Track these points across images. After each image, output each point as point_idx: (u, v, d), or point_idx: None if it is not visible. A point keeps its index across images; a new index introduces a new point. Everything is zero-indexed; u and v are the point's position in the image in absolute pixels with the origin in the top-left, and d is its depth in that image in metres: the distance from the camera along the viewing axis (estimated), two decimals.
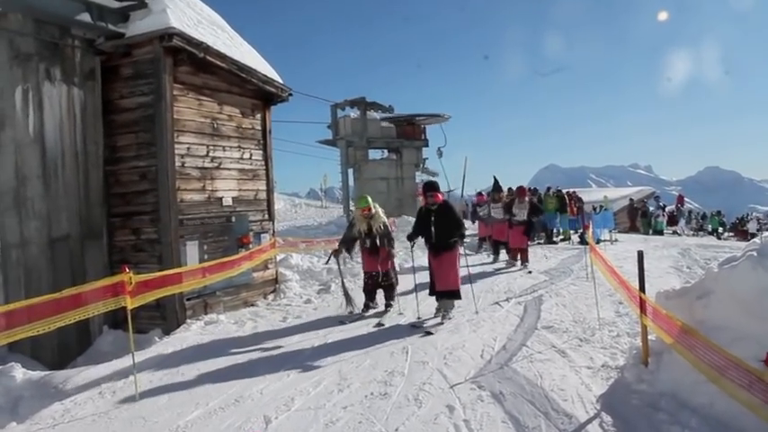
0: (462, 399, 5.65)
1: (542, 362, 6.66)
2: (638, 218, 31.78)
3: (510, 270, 14.18)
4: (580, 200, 24.73)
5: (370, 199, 9.83)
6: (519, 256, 14.79)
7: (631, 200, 35.92)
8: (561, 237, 23.01)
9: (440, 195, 9.21)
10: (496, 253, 16.19)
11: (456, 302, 9.22)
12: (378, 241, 9.69)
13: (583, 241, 21.08)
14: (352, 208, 26.98)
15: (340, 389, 6.07)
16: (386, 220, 9.87)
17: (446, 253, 8.98)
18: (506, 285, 11.67)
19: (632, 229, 30.91)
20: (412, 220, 23.27)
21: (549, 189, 25.04)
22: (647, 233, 29.24)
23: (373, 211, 9.71)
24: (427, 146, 29.50)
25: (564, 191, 24.88)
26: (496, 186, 16.85)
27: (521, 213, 14.72)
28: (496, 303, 9.99)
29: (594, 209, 25.39)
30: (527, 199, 15.14)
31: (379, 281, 9.90)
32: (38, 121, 9.11)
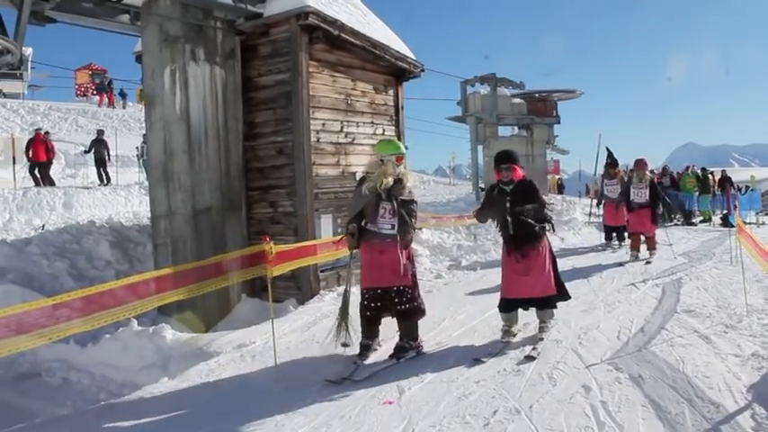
0: (599, 379, 5.47)
1: (684, 347, 6.30)
2: None
3: (628, 262, 11.91)
4: (729, 179, 23.38)
5: (399, 144, 6.66)
6: (647, 244, 12.38)
7: None
8: (701, 218, 21.91)
9: (519, 169, 6.69)
10: (609, 239, 14.26)
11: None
12: (394, 218, 6.32)
13: (726, 223, 19.99)
14: (481, 185, 26.73)
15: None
16: (413, 184, 6.54)
17: (532, 246, 6.63)
18: (642, 267, 11.17)
19: None
20: (545, 198, 22.96)
21: (687, 168, 23.86)
22: None
23: (404, 166, 6.47)
24: (559, 122, 28.60)
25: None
26: (611, 159, 14.50)
27: (641, 194, 12.17)
28: (632, 285, 9.59)
29: (740, 189, 23.91)
30: (647, 175, 12.47)
31: (393, 301, 6.35)
32: (184, 99, 9.62)
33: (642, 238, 12.51)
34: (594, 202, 17.38)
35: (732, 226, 13.18)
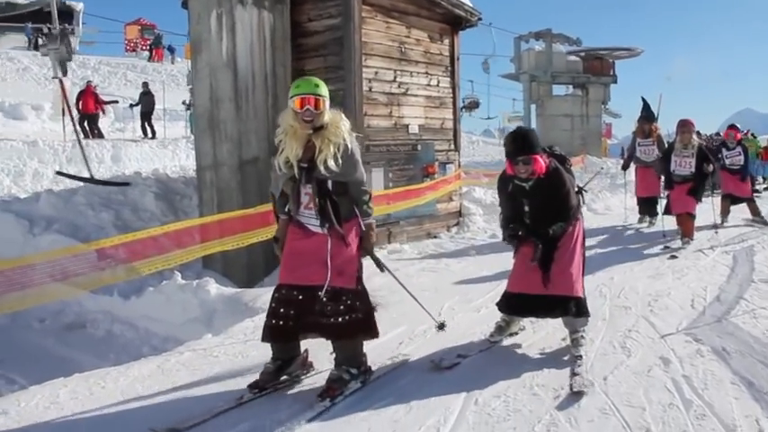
0: (678, 351, 4.94)
1: None
2: None
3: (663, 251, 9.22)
4: None
5: (321, 85, 4.19)
6: (681, 228, 9.50)
7: None
8: (764, 185, 21.00)
9: (541, 160, 4.81)
10: (645, 213, 11.55)
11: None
12: (323, 199, 4.20)
13: None
14: None
15: (534, 329, 5.56)
16: (352, 142, 4.27)
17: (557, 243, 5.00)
18: (707, 234, 10.18)
19: None
20: (597, 161, 22.30)
21: (747, 132, 22.83)
22: None
23: (323, 112, 4.14)
24: (616, 82, 27.72)
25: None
26: (647, 112, 11.64)
27: (685, 164, 9.27)
28: (699, 251, 8.97)
29: None
30: (695, 139, 9.48)
31: (321, 310, 4.24)
32: (230, 44, 9.24)
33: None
34: (621, 165, 13.50)
35: None
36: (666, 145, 10.43)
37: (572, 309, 4.94)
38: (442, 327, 5.33)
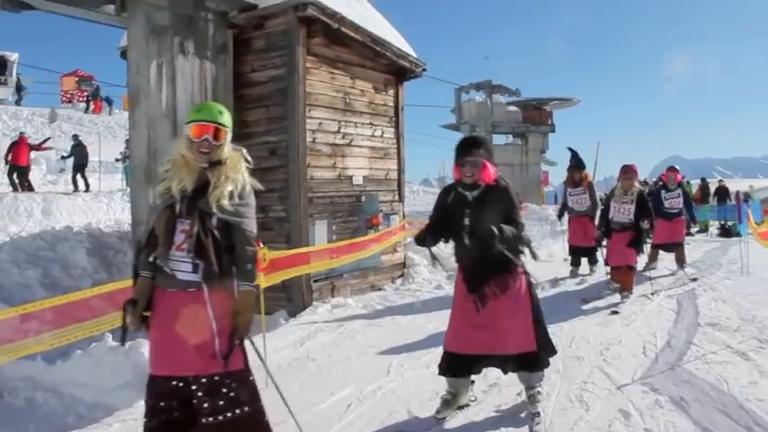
0: (636, 403, 4.86)
1: (721, 364, 5.75)
2: None
3: (601, 300, 8.99)
4: (727, 190, 23.13)
5: (225, 113, 3.69)
6: (620, 281, 8.95)
7: None
8: (697, 228, 21.57)
9: (490, 167, 4.41)
10: (575, 264, 11.26)
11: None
12: (204, 233, 3.45)
13: (726, 233, 19.60)
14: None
15: (489, 384, 5.38)
16: (251, 186, 3.69)
17: (501, 285, 4.45)
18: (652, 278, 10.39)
19: None
20: (537, 209, 22.60)
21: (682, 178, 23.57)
22: None
23: (223, 144, 3.60)
24: (554, 131, 28.35)
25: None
26: (576, 161, 11.27)
27: (624, 211, 8.80)
28: (644, 296, 9.07)
29: (746, 199, 23.66)
30: (636, 186, 8.95)
31: (198, 405, 3.44)
32: (170, 95, 9.00)
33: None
34: (557, 214, 12.92)
35: (739, 235, 12.78)
36: (601, 192, 10.57)
37: (527, 363, 4.54)
38: None
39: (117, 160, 22.40)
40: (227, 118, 3.64)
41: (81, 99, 40.09)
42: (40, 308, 5.07)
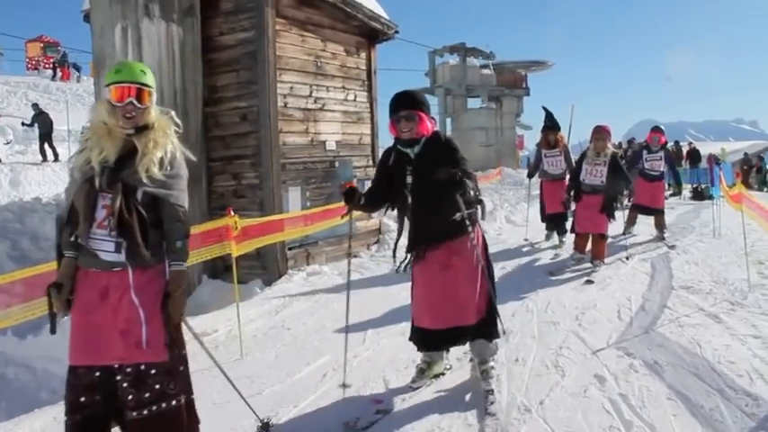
0: (611, 368, 4.85)
1: (694, 327, 5.77)
2: (753, 173, 29.64)
3: (571, 271, 8.63)
4: (698, 152, 23.25)
5: (148, 73, 3.36)
6: (592, 249, 8.68)
7: (746, 154, 33.59)
8: (670, 191, 21.71)
9: (427, 120, 4.20)
10: (551, 230, 10.62)
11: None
12: (127, 210, 3.11)
13: (698, 196, 19.72)
14: None
15: (464, 351, 5.32)
16: (182, 153, 3.41)
17: (452, 245, 4.26)
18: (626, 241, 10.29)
19: (744, 185, 28.74)
20: (513, 173, 22.55)
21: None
22: (761, 190, 27.26)
23: (149, 108, 3.30)
24: (529, 95, 28.26)
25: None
26: (551, 122, 10.53)
27: (596, 173, 8.40)
28: (618, 260, 9.03)
29: (717, 162, 23.81)
30: (609, 147, 8.55)
31: (123, 396, 3.17)
32: (137, 59, 8.73)
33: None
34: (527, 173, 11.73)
35: (712, 198, 12.82)
36: (576, 156, 9.58)
37: (484, 331, 4.38)
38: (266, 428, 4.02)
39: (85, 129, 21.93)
40: (150, 78, 3.31)
41: (47, 66, 39.13)
42: (9, 280, 4.89)
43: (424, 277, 4.35)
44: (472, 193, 4.04)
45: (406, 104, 4.14)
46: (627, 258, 9.09)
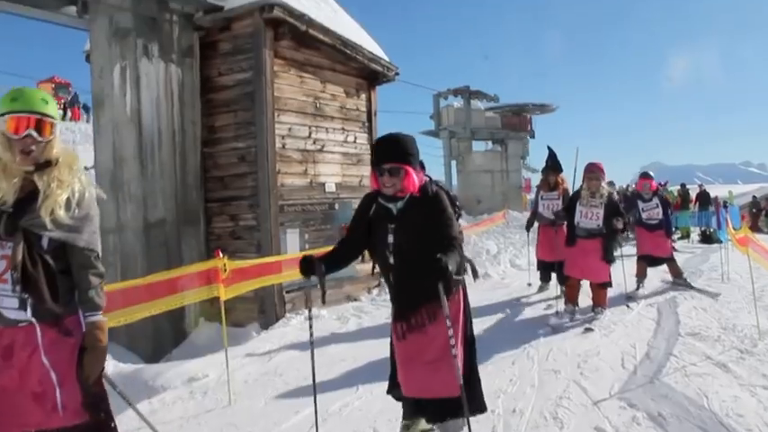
0: (612, 420, 4.65)
1: (701, 377, 5.56)
2: (763, 216, 29.43)
3: (564, 326, 7.86)
4: (709, 195, 23.06)
5: (51, 102, 2.90)
6: (593, 297, 8.18)
7: (754, 197, 33.40)
8: (679, 234, 21.47)
9: (413, 174, 3.68)
10: (544, 279, 10.02)
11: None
12: (31, 261, 2.76)
13: (706, 239, 19.51)
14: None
15: None
16: (89, 191, 2.99)
17: (428, 310, 3.76)
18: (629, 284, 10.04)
19: (753, 228, 28.56)
20: (518, 216, 22.32)
21: (665, 184, 23.53)
22: None
23: (52, 141, 2.88)
24: (534, 137, 28.25)
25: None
26: (553, 162, 9.92)
27: (592, 215, 7.81)
28: (623, 304, 8.88)
29: (725, 205, 23.66)
30: (604, 187, 7.93)
31: None
32: (134, 99, 8.71)
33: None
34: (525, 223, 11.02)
35: (720, 242, 12.64)
36: None
37: (459, 411, 3.68)
38: None
39: (86, 168, 21.97)
40: (52, 107, 2.87)
41: (58, 107, 39.52)
42: None
43: (396, 341, 3.91)
44: (454, 267, 3.44)
45: (392, 156, 3.62)
46: (628, 306, 8.84)
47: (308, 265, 3.79)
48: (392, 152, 3.64)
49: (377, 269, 3.95)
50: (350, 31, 10.46)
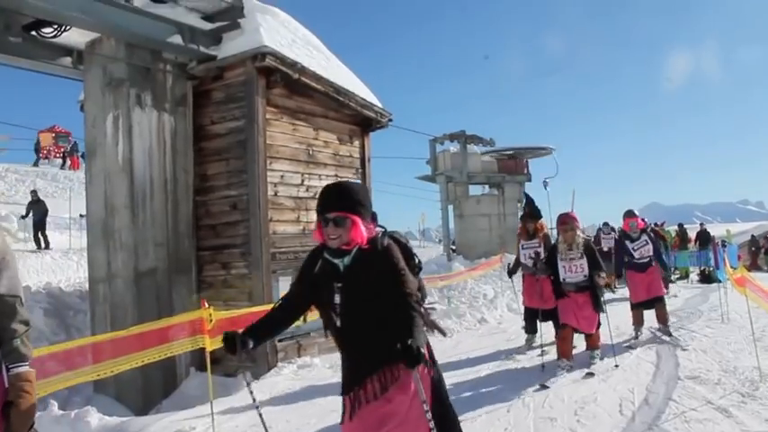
0: None
1: (701, 422, 5.41)
2: (762, 254, 29.38)
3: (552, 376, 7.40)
4: (709, 234, 23.05)
5: None
6: (587, 342, 8.07)
7: (753, 236, 33.34)
8: (678, 275, 21.35)
9: (360, 225, 3.19)
10: (531, 332, 9.38)
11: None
12: None
13: (706, 279, 19.40)
14: (452, 246, 25.96)
15: None
16: (1, 237, 2.79)
17: (385, 380, 3.21)
18: (626, 327, 9.93)
19: (753, 266, 28.50)
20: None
21: (662, 224, 23.50)
22: None
23: None
24: (530, 180, 28.26)
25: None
26: (531, 209, 9.64)
27: (575, 268, 7.63)
28: (624, 347, 8.74)
29: (723, 244, 23.60)
30: (579, 236, 7.77)
31: None
32: (127, 148, 8.78)
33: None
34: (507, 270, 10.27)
35: (719, 281, 12.53)
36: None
37: None
38: None
39: (81, 216, 21.95)
40: None
41: (57, 155, 39.77)
42: None
43: (349, 423, 3.33)
44: (423, 341, 3.07)
45: (337, 205, 3.17)
46: (632, 346, 8.73)
47: (229, 344, 3.28)
48: (338, 200, 3.21)
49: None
50: (343, 78, 10.54)
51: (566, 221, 7.68)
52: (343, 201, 3.19)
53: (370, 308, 3.18)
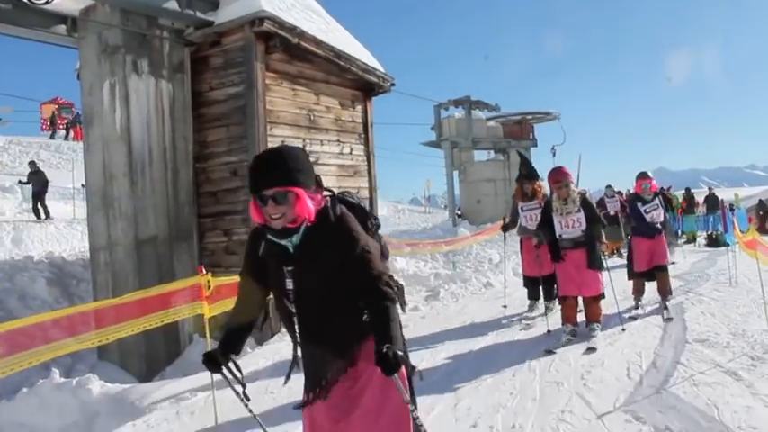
0: None
1: (710, 386, 5.28)
2: None
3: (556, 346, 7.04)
4: (717, 198, 22.89)
5: None
6: (586, 312, 7.46)
7: (761, 200, 33.10)
8: (684, 239, 21.25)
9: (307, 199, 2.65)
10: (533, 297, 9.00)
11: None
12: None
13: (713, 243, 19.30)
14: (457, 212, 25.86)
15: (456, 417, 4.96)
16: None
17: (346, 368, 2.85)
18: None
19: (761, 230, 28.32)
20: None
21: (669, 188, 23.37)
22: None
23: None
24: (536, 146, 28.07)
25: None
26: (527, 170, 9.05)
27: (572, 223, 7.13)
28: (629, 314, 8.58)
29: (731, 208, 23.43)
30: (573, 190, 7.30)
31: None
32: (124, 116, 8.69)
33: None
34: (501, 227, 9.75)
35: (727, 245, 12.42)
36: None
37: None
38: None
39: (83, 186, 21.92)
40: None
41: (61, 126, 39.68)
42: None
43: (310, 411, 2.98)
44: (401, 343, 2.70)
45: (273, 179, 2.63)
46: (639, 308, 8.59)
47: (211, 364, 2.92)
48: (274, 173, 2.65)
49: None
50: (343, 43, 10.38)
51: (559, 179, 7.17)
52: (279, 172, 2.66)
53: (329, 292, 2.79)
